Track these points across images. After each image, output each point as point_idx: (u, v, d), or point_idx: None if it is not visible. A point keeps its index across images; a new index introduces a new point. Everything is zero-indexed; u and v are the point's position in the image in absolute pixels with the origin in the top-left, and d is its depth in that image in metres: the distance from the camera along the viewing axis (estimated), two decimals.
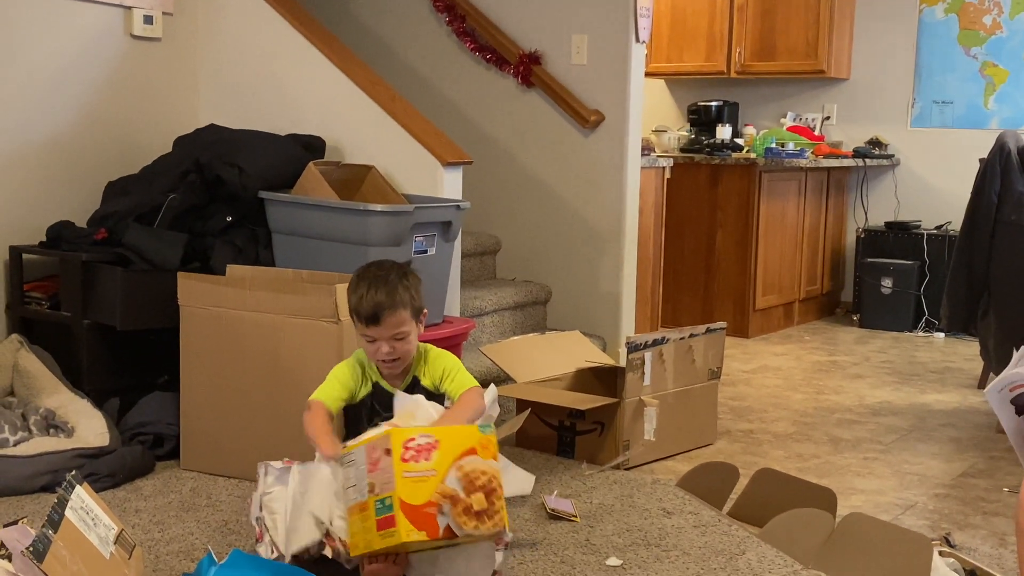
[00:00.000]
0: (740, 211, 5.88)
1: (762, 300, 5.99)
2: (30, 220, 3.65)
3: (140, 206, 3.50)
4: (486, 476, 2.20)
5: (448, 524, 2.14)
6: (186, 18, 4.14)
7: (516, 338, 3.99)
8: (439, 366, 2.59)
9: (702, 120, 6.69)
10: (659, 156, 5.31)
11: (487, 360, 3.73)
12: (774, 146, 6.07)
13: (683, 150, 6.19)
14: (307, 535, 2.31)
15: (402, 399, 2.47)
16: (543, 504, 2.89)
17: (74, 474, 2.12)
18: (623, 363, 3.47)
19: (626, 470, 3.35)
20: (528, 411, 3.27)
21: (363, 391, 2.56)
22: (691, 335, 3.66)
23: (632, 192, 4.75)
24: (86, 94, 3.86)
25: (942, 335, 6.08)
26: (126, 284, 3.31)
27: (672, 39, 6.76)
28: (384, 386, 2.57)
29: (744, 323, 5.90)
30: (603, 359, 3.90)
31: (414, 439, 2.17)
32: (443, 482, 2.15)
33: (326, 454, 2.34)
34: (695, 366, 3.67)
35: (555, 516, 2.83)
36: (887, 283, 6.22)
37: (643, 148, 4.92)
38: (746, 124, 6.71)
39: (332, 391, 2.54)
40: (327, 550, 2.31)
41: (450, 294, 3.85)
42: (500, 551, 2.36)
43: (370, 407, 2.56)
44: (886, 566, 2.54)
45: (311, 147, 3.84)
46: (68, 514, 1.97)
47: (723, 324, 3.84)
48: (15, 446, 2.96)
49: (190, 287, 3.11)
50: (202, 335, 3.10)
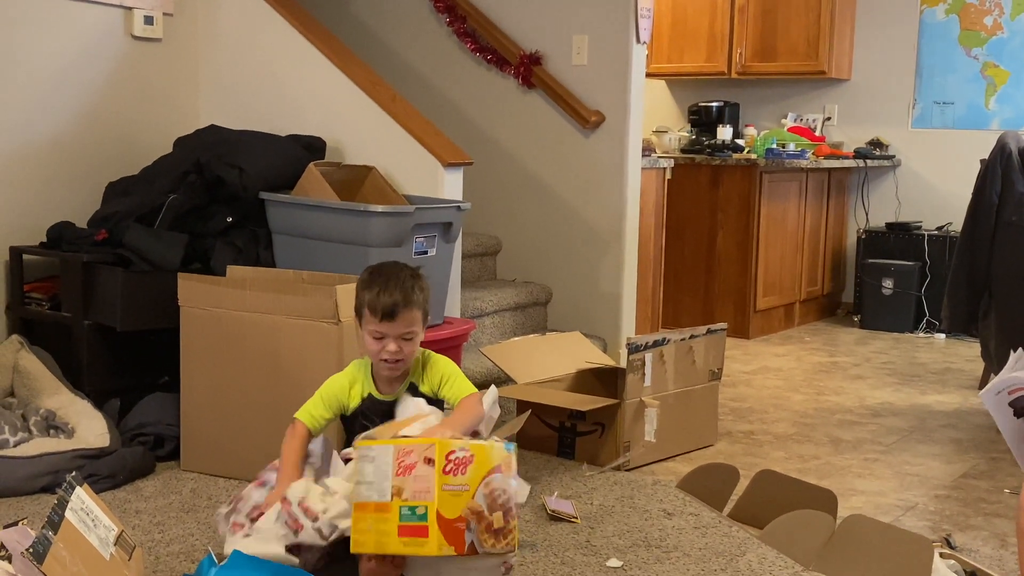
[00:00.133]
0: (741, 212, 5.88)
1: (763, 301, 5.99)
2: (31, 220, 3.66)
3: (141, 207, 3.50)
4: (506, 495, 2.19)
5: (472, 541, 2.13)
6: (186, 19, 4.14)
7: (516, 339, 3.98)
8: (437, 372, 2.57)
9: (703, 121, 6.68)
10: (660, 157, 5.30)
11: (487, 361, 3.73)
12: (775, 147, 6.07)
13: (684, 151, 6.18)
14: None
15: (406, 403, 2.46)
16: (544, 505, 2.88)
17: (74, 475, 2.12)
18: (624, 364, 3.47)
19: (627, 471, 3.35)
20: (528, 412, 3.27)
21: (353, 403, 2.55)
22: (692, 336, 3.65)
23: (633, 193, 4.75)
24: (87, 95, 3.86)
25: (943, 336, 6.08)
26: (126, 285, 3.31)
27: (673, 40, 6.75)
28: (377, 396, 2.54)
29: (745, 324, 5.90)
30: (604, 360, 3.90)
31: (455, 452, 2.14)
32: (473, 498, 2.14)
33: (278, 492, 2.35)
34: (696, 367, 3.67)
35: (556, 517, 2.83)
36: (888, 284, 6.22)
37: (644, 149, 4.91)
38: (747, 125, 6.70)
39: (315, 410, 2.53)
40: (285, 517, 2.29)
41: (450, 295, 3.85)
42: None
43: (360, 421, 2.53)
44: (887, 568, 2.54)
45: (312, 148, 3.83)
46: (68, 515, 1.97)
47: (724, 325, 3.84)
48: (15, 447, 2.96)
49: (190, 288, 3.11)
50: (202, 336, 3.10)
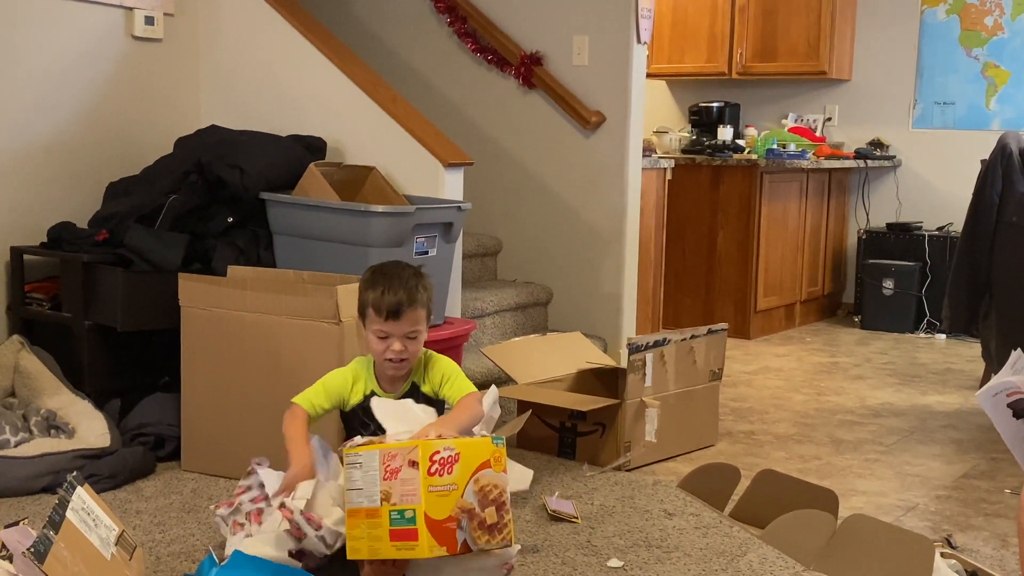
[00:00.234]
0: (741, 212, 5.88)
1: (763, 301, 5.99)
2: (31, 221, 3.66)
3: (141, 207, 3.50)
4: (498, 490, 2.18)
5: (465, 539, 2.13)
6: (187, 19, 4.14)
7: (517, 339, 3.98)
8: (438, 372, 2.58)
9: (703, 121, 6.68)
10: (660, 157, 5.30)
11: (488, 361, 3.73)
12: (775, 147, 6.07)
13: (684, 151, 6.18)
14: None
15: (384, 405, 2.43)
16: (544, 505, 2.88)
17: (75, 475, 2.12)
18: (624, 364, 3.47)
19: (627, 471, 3.35)
20: (529, 412, 3.27)
21: (354, 399, 2.55)
22: (692, 336, 3.65)
23: (633, 193, 4.75)
24: (87, 95, 3.86)
25: (943, 336, 6.08)
26: (127, 285, 3.31)
27: (673, 40, 6.75)
28: (380, 394, 2.55)
29: (745, 324, 5.90)
30: (604, 360, 3.90)
31: (439, 452, 2.14)
32: (462, 496, 2.14)
33: (294, 465, 2.36)
34: (696, 367, 3.67)
35: (556, 517, 2.83)
36: (888, 284, 6.22)
37: (644, 149, 4.91)
38: (747, 125, 6.70)
39: (315, 398, 2.54)
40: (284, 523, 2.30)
41: (451, 295, 3.85)
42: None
43: (361, 416, 2.53)
44: (888, 568, 2.54)
45: (312, 148, 3.83)
46: (69, 515, 1.97)
47: (724, 325, 3.84)
48: (16, 447, 2.96)
49: (191, 288, 3.11)
50: (203, 336, 3.10)
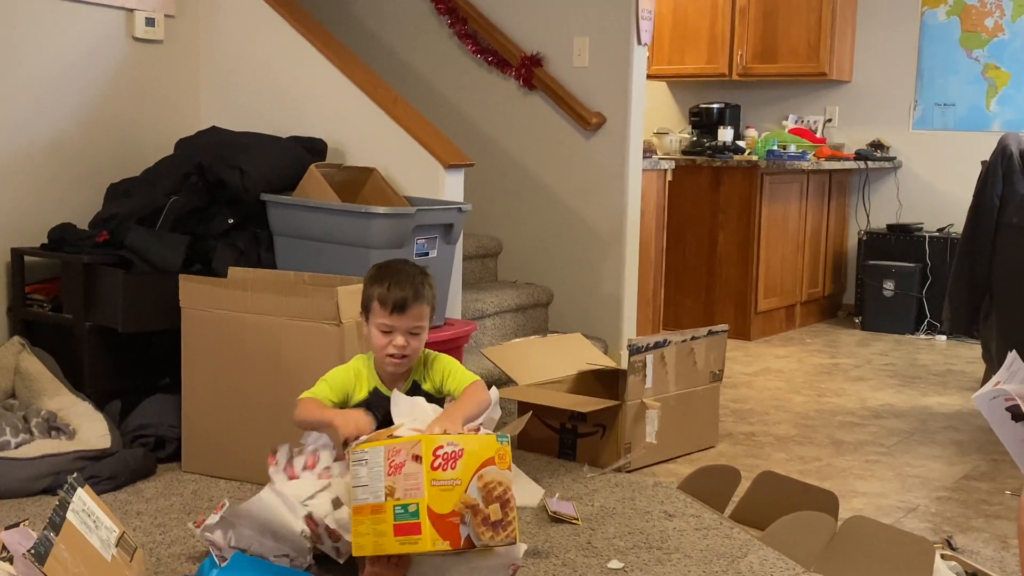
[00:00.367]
0: (742, 213, 5.88)
1: (764, 302, 5.98)
2: (32, 222, 3.66)
3: (142, 208, 3.50)
4: (502, 487, 2.19)
5: (468, 534, 2.14)
6: (188, 20, 4.14)
7: (517, 340, 3.98)
8: (438, 369, 2.60)
9: (704, 122, 6.68)
10: (661, 158, 5.30)
11: (488, 362, 3.73)
12: (776, 148, 6.07)
13: (685, 152, 6.19)
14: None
15: (399, 400, 2.46)
16: (545, 507, 2.88)
17: (75, 476, 2.12)
18: (624, 365, 3.46)
19: (628, 473, 3.35)
20: (529, 413, 3.26)
21: (359, 395, 2.56)
22: (693, 338, 3.65)
23: (634, 194, 4.75)
24: (88, 96, 3.86)
25: (944, 338, 6.08)
26: (128, 286, 3.31)
27: (674, 41, 6.75)
28: (383, 391, 2.56)
29: (746, 325, 5.90)
30: (604, 361, 3.90)
31: (442, 447, 2.15)
32: (466, 491, 2.15)
33: (346, 431, 2.35)
34: (696, 368, 3.67)
35: (556, 519, 2.83)
36: (889, 285, 6.22)
37: (645, 150, 4.91)
38: (748, 126, 6.70)
39: (322, 393, 2.54)
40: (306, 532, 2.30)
41: (451, 296, 3.85)
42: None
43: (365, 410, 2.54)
44: (888, 569, 2.54)
45: (313, 149, 3.83)
46: (70, 516, 1.97)
47: (725, 326, 3.84)
48: (16, 448, 2.96)
49: (191, 289, 3.11)
50: (203, 337, 3.10)
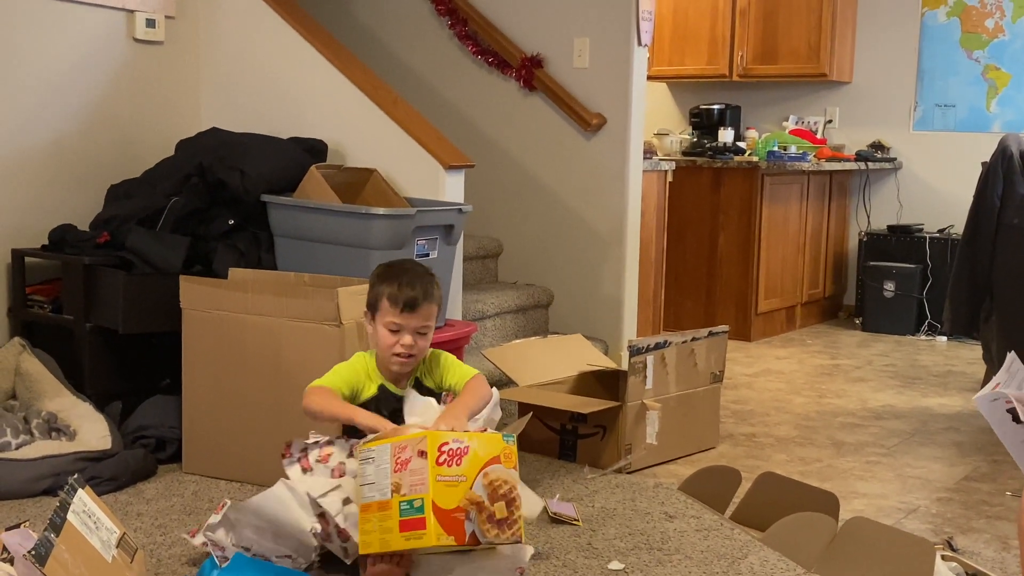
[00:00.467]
0: (742, 214, 5.88)
1: (764, 303, 5.98)
2: (32, 223, 3.66)
3: (142, 209, 3.51)
4: (508, 485, 2.20)
5: (473, 531, 2.14)
6: (188, 22, 4.15)
7: (518, 341, 3.98)
8: (439, 365, 2.61)
9: (704, 123, 6.68)
10: (661, 159, 5.30)
11: (489, 363, 3.73)
12: (776, 149, 6.07)
13: (685, 153, 6.19)
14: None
15: (413, 399, 2.47)
16: (545, 508, 2.88)
17: (76, 477, 2.12)
18: (625, 367, 3.46)
19: (628, 474, 3.35)
20: (530, 414, 3.26)
21: (367, 392, 2.55)
22: (693, 339, 3.65)
23: (634, 195, 4.75)
24: (88, 97, 3.86)
25: (944, 339, 6.07)
26: (128, 287, 3.31)
27: (674, 42, 6.76)
28: (391, 388, 2.56)
29: (746, 326, 5.90)
30: (605, 362, 3.90)
31: (448, 443, 2.16)
32: (471, 488, 2.15)
33: (368, 424, 2.34)
34: (697, 370, 3.67)
35: (557, 520, 2.83)
36: (889, 286, 6.22)
37: (645, 151, 4.91)
38: (748, 127, 6.70)
39: (335, 384, 2.52)
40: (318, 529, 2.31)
41: (452, 297, 3.85)
42: None
43: (375, 410, 2.54)
44: (889, 570, 2.54)
45: (313, 150, 3.84)
46: (70, 517, 1.97)
47: (725, 327, 3.84)
48: (17, 449, 2.96)
49: (192, 290, 3.11)
50: (204, 338, 3.10)
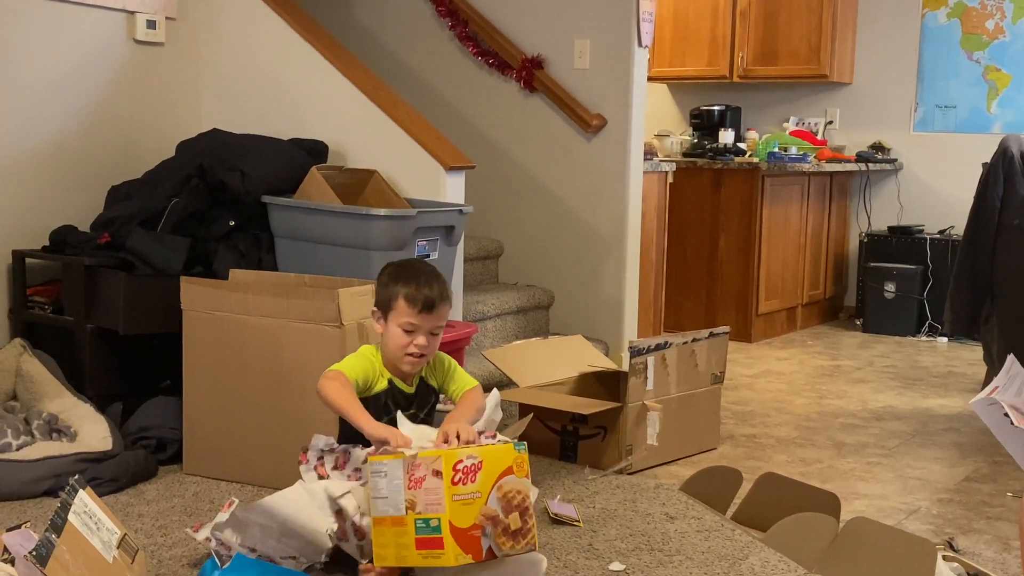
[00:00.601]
0: (743, 215, 5.88)
1: (765, 304, 5.98)
2: (33, 224, 3.66)
3: (143, 211, 3.51)
4: (520, 495, 2.20)
5: (490, 546, 2.14)
6: (189, 23, 4.15)
7: (518, 342, 3.98)
8: (442, 365, 2.63)
9: (705, 124, 6.68)
10: (662, 160, 5.31)
11: (490, 364, 3.73)
12: (777, 150, 6.07)
13: (686, 154, 6.19)
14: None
15: (403, 425, 2.44)
16: (546, 509, 2.88)
17: (77, 478, 2.12)
18: (626, 367, 3.46)
19: (629, 475, 3.35)
20: (531, 415, 3.26)
21: (379, 385, 2.54)
22: (694, 339, 3.65)
23: (635, 196, 4.75)
24: (89, 98, 3.86)
25: (945, 339, 6.07)
26: (129, 288, 3.31)
27: (674, 44, 6.76)
28: (398, 384, 2.56)
29: (747, 327, 5.90)
30: (606, 363, 3.90)
31: (462, 461, 2.16)
32: (486, 503, 2.15)
33: (376, 436, 2.31)
34: (698, 370, 3.66)
35: (558, 521, 2.83)
36: (890, 287, 6.22)
37: (646, 152, 4.92)
38: (749, 128, 6.70)
39: (353, 372, 2.48)
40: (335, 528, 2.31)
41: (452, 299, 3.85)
42: None
43: (384, 404, 2.53)
44: (890, 571, 2.54)
45: (314, 152, 3.84)
46: (71, 518, 1.97)
47: (726, 328, 3.84)
48: (18, 450, 2.96)
49: (193, 291, 3.11)
50: (205, 339, 3.10)
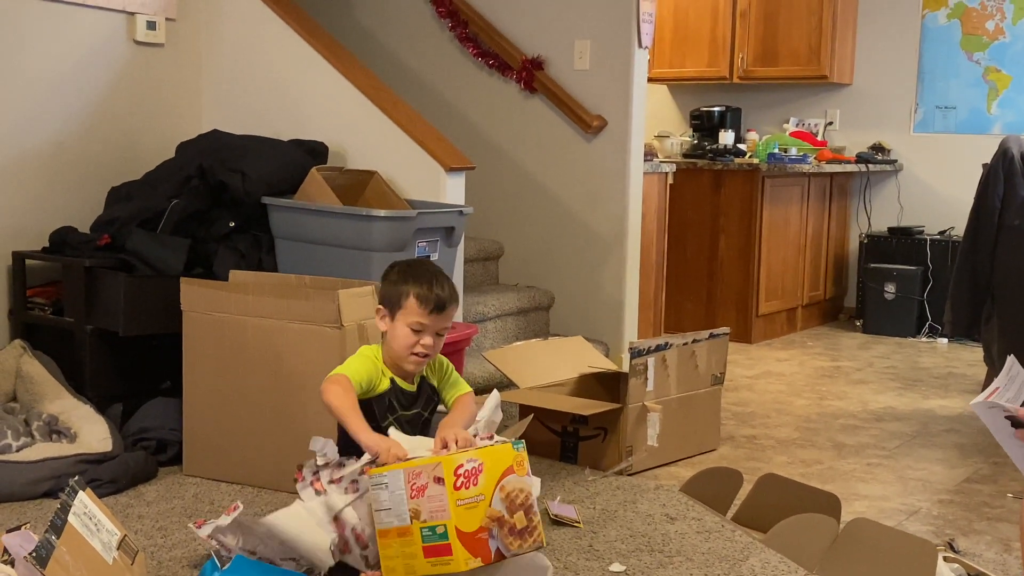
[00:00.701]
0: (743, 216, 5.88)
1: (765, 305, 5.98)
2: (33, 225, 3.66)
3: (143, 211, 3.51)
4: (524, 494, 2.19)
5: (498, 547, 2.14)
6: (189, 24, 4.15)
7: (519, 343, 3.98)
8: (440, 366, 2.63)
9: (705, 125, 6.68)
10: (662, 161, 5.30)
11: (490, 366, 3.73)
12: (777, 151, 6.07)
13: (686, 155, 6.18)
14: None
15: (397, 436, 2.40)
16: (546, 510, 2.88)
17: (77, 480, 2.12)
18: (626, 369, 3.46)
19: (629, 476, 3.35)
20: (531, 416, 3.26)
21: (382, 385, 2.52)
22: (694, 340, 3.65)
23: (635, 197, 4.75)
24: (89, 99, 3.86)
25: (945, 340, 6.07)
26: (129, 290, 3.31)
27: (675, 44, 6.76)
28: (401, 383, 2.55)
29: (747, 328, 5.90)
30: (606, 365, 3.90)
31: (462, 465, 2.15)
32: (490, 505, 2.15)
33: (374, 448, 2.28)
34: (698, 371, 3.66)
35: (558, 522, 2.83)
36: (890, 288, 6.22)
37: (646, 153, 4.91)
38: (749, 129, 6.71)
39: (357, 374, 2.45)
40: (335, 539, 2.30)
41: None
42: None
43: (389, 404, 2.52)
44: (890, 572, 2.54)
45: (314, 153, 3.84)
46: (71, 520, 1.97)
47: (726, 329, 3.84)
48: (18, 451, 2.95)
49: (193, 292, 3.11)
50: (205, 340, 3.10)
